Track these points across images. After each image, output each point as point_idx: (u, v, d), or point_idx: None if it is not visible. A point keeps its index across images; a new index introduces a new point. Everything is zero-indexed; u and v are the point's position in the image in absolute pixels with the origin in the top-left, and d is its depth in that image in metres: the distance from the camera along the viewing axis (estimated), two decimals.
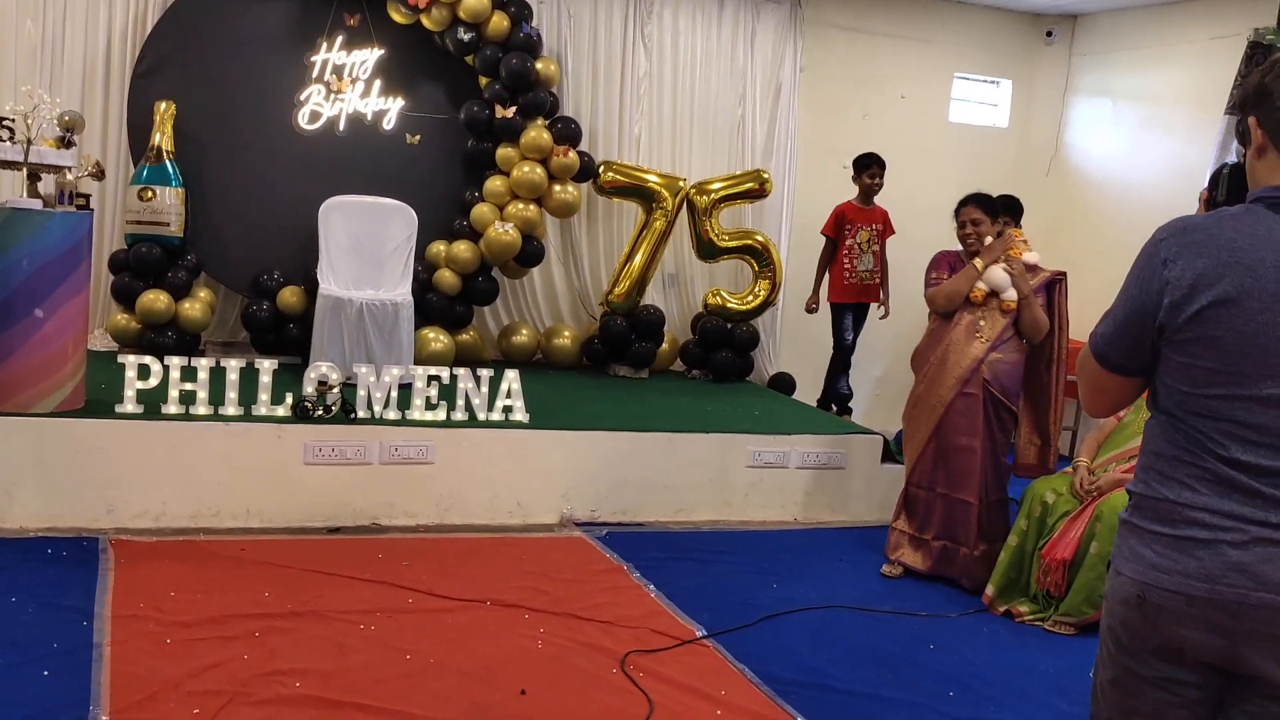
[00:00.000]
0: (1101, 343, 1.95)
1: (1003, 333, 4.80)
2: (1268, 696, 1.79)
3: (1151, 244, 1.89)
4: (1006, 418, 4.89)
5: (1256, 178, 1.90)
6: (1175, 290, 1.81)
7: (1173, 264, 1.82)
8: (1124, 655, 1.92)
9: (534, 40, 6.92)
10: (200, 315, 6.44)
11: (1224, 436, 1.80)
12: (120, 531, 4.69)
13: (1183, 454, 1.84)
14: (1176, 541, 1.83)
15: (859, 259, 7.04)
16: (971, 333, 4.84)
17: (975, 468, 4.83)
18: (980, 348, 4.80)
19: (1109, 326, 1.94)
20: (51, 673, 3.35)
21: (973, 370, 4.78)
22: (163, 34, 6.52)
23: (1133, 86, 8.10)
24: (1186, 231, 1.84)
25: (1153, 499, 1.88)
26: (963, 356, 4.82)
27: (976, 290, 4.82)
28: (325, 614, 3.99)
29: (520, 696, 3.49)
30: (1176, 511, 1.84)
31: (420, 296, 6.60)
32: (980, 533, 4.87)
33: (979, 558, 4.86)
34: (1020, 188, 8.57)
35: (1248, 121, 1.89)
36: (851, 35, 8.18)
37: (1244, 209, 1.84)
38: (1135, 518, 1.92)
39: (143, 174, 6.32)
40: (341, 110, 6.81)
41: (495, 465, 5.30)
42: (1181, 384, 1.84)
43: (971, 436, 4.82)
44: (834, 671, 3.93)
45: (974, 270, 4.83)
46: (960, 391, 4.81)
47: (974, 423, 4.81)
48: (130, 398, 4.91)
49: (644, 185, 7.25)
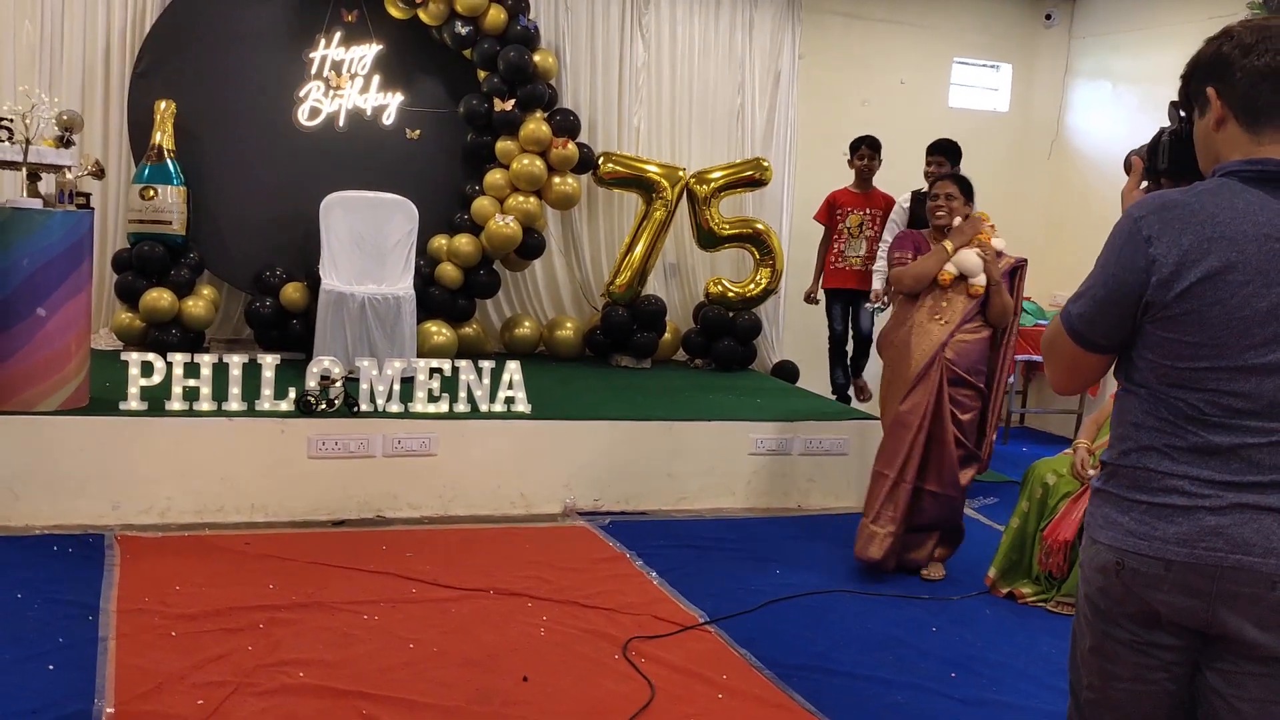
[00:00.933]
0: (1079, 322, 1.94)
1: (965, 315, 4.71)
2: (1241, 656, 1.82)
3: (1130, 222, 1.88)
4: (970, 396, 4.74)
5: (1216, 150, 1.90)
6: (1162, 268, 1.81)
7: (1156, 241, 1.82)
8: (1102, 621, 1.94)
9: (531, 33, 6.94)
10: (204, 313, 6.47)
11: (1206, 405, 1.82)
12: (126, 528, 4.73)
13: (1162, 425, 1.86)
14: (1155, 509, 1.85)
15: (848, 244, 6.89)
16: (933, 315, 4.74)
17: (904, 441, 4.69)
18: (942, 331, 4.70)
19: (1087, 306, 1.92)
20: (56, 667, 3.38)
21: (935, 354, 4.68)
22: (161, 33, 6.54)
23: (1133, 68, 8.08)
24: (1166, 209, 1.84)
25: (1129, 468, 1.90)
26: (924, 339, 4.72)
27: (945, 273, 4.72)
28: (329, 605, 4.02)
29: (523, 683, 3.51)
30: (1155, 480, 1.86)
31: (422, 290, 6.62)
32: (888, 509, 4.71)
33: (879, 536, 4.71)
34: (1022, 171, 8.64)
35: (1205, 91, 1.88)
36: (849, 22, 8.17)
37: (1218, 183, 1.84)
38: (1111, 486, 1.94)
39: (144, 173, 6.35)
40: (341, 106, 6.83)
41: (498, 456, 5.33)
42: (1164, 358, 1.85)
43: (914, 414, 4.69)
44: (836, 655, 3.94)
45: (944, 252, 4.73)
46: (922, 374, 4.70)
47: (923, 400, 4.67)
48: (134, 395, 4.94)
49: (644, 176, 7.26)
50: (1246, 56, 1.82)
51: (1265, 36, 1.82)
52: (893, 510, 4.72)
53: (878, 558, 4.71)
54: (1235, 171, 1.84)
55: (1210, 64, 1.88)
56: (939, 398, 4.67)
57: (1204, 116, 1.90)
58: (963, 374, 4.69)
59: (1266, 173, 1.81)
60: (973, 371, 4.73)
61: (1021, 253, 8.44)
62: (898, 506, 4.71)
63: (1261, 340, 1.78)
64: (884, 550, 4.71)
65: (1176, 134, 2.03)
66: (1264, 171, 1.81)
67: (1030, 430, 8.54)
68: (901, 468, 4.70)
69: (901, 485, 4.71)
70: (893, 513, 4.72)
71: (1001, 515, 5.47)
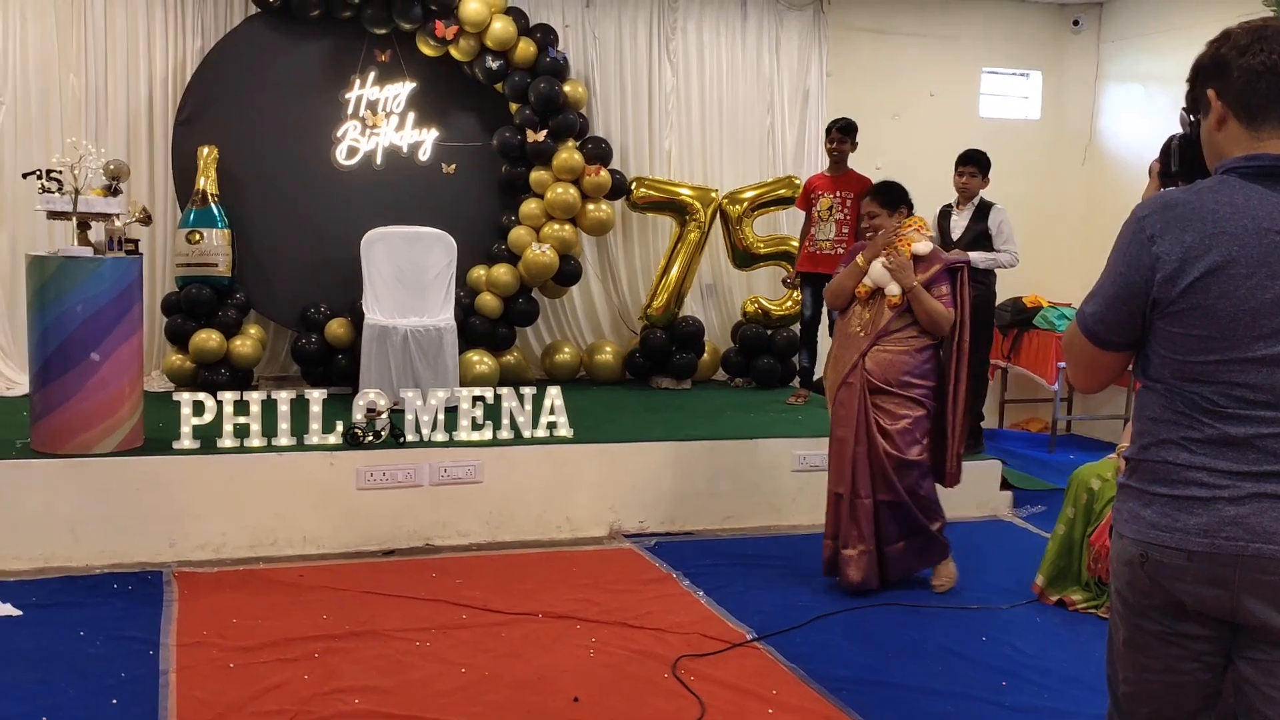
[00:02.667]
0: (1092, 321, 2.00)
1: (888, 325, 4.57)
2: (1271, 643, 1.84)
3: (1134, 221, 1.94)
4: (895, 407, 4.57)
5: (1219, 149, 1.94)
6: (1166, 265, 1.86)
7: (1160, 239, 1.87)
8: (1133, 615, 1.98)
9: (561, 64, 7.04)
10: (251, 352, 6.61)
11: (1219, 398, 1.86)
12: (183, 564, 4.83)
13: (1179, 418, 1.90)
14: (1176, 501, 1.89)
15: (819, 228, 6.69)
16: (855, 327, 4.68)
17: (848, 459, 4.60)
18: (863, 341, 4.61)
19: (1099, 305, 1.99)
20: (120, 701, 3.47)
21: (855, 364, 4.60)
22: (202, 81, 6.72)
23: (1164, 69, 8.04)
24: (1169, 207, 1.89)
25: (1150, 462, 1.94)
26: (848, 350, 4.67)
27: (861, 287, 4.65)
28: (382, 633, 4.09)
29: (574, 704, 3.56)
30: (1175, 473, 1.90)
31: (463, 321, 6.73)
32: (854, 530, 4.60)
33: (854, 558, 4.60)
34: (1056, 178, 8.61)
35: (1206, 93, 1.93)
36: (876, 37, 8.21)
37: (1219, 181, 1.89)
38: (1134, 480, 1.98)
39: (189, 218, 6.51)
40: (378, 144, 6.97)
41: (543, 481, 5.39)
42: (1175, 353, 1.89)
43: (847, 428, 4.60)
44: (886, 667, 3.95)
45: (857, 266, 4.68)
46: (844, 382, 4.63)
47: (849, 414, 4.60)
48: (186, 434, 5.06)
49: (676, 198, 7.33)
50: (1243, 56, 1.87)
51: (1260, 37, 1.87)
52: (857, 530, 4.61)
53: (857, 579, 4.60)
54: (1235, 168, 1.89)
55: (1209, 66, 1.93)
56: (863, 410, 4.57)
57: (1207, 117, 1.95)
58: (883, 384, 4.56)
59: (1264, 168, 1.85)
60: (900, 383, 4.57)
61: (1058, 258, 8.49)
62: (861, 524, 4.60)
63: (1270, 331, 1.82)
64: (863, 571, 4.60)
65: (1185, 138, 2.08)
66: (1262, 166, 1.86)
67: (1077, 437, 8.47)
68: (853, 485, 4.61)
69: (859, 502, 4.60)
70: (858, 531, 4.60)
71: (1047, 523, 5.44)
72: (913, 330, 4.60)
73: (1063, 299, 8.28)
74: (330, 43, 6.89)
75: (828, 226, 6.64)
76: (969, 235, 6.34)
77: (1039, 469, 7.10)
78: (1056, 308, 8.12)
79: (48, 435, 4.87)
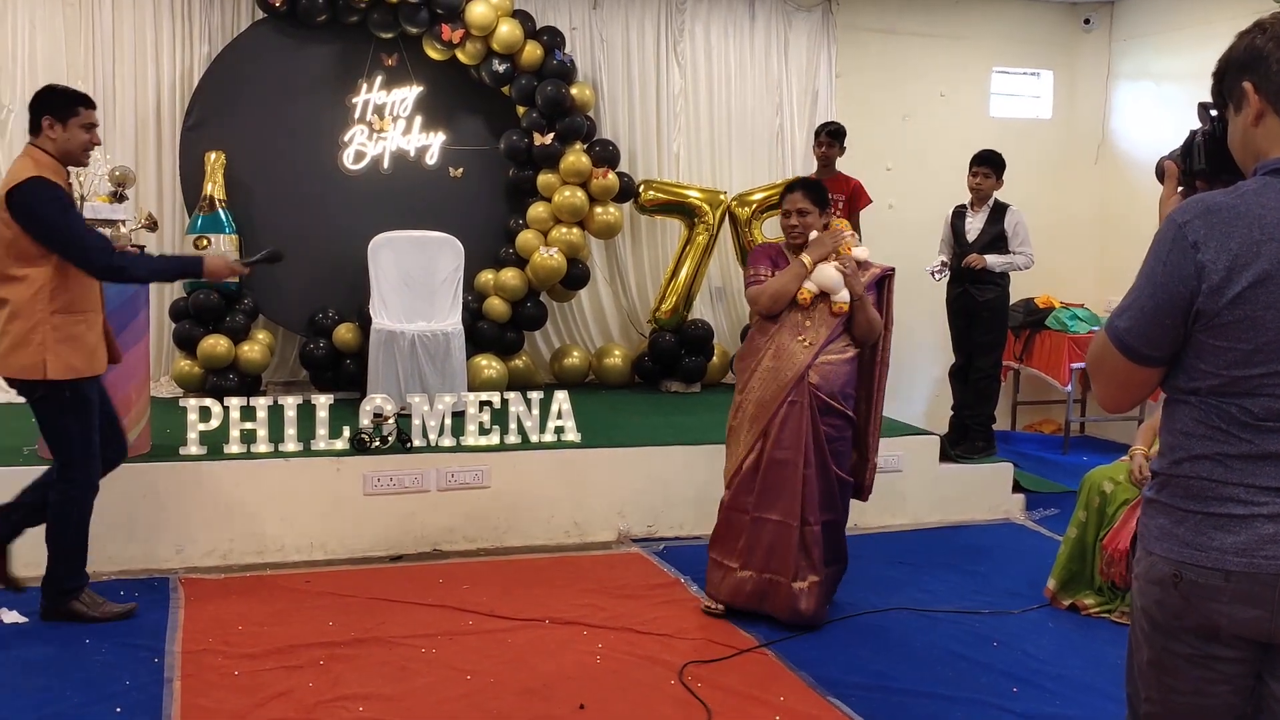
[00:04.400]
0: (1129, 336, 1.86)
1: (830, 334, 4.27)
2: None
3: (1174, 228, 1.80)
4: (840, 424, 4.30)
5: (1256, 147, 1.84)
6: (1212, 274, 1.75)
7: (1204, 247, 1.75)
8: (1160, 635, 1.89)
9: (568, 67, 7.02)
10: (260, 357, 6.61)
11: (1261, 411, 1.77)
12: (190, 570, 4.82)
13: (1214, 433, 1.81)
14: (1211, 519, 1.81)
15: None
16: (794, 336, 4.28)
17: (795, 485, 4.21)
18: (806, 353, 4.24)
19: (1135, 318, 1.85)
20: (125, 709, 3.46)
21: (799, 377, 4.22)
22: (208, 87, 6.72)
23: (1176, 68, 7.98)
24: (1211, 212, 1.77)
25: (1183, 478, 1.85)
26: (788, 362, 4.25)
27: (805, 291, 4.27)
28: (388, 640, 4.07)
29: (580, 711, 3.53)
30: (1211, 489, 1.81)
31: (471, 325, 6.71)
32: (805, 560, 4.24)
33: (805, 590, 4.23)
34: (1068, 177, 8.55)
35: (1241, 86, 1.83)
36: (885, 37, 8.16)
37: (1262, 183, 1.78)
38: (1164, 496, 1.89)
39: (197, 223, 6.51)
40: (385, 149, 6.96)
41: (550, 486, 5.36)
42: (1218, 366, 1.79)
43: (794, 450, 4.21)
44: (895, 673, 3.91)
45: (802, 267, 4.27)
46: (786, 400, 4.23)
47: (796, 434, 4.21)
48: (193, 440, 5.05)
49: (685, 201, 7.30)
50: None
51: None
52: (808, 560, 4.25)
53: (811, 610, 4.24)
54: (1278, 169, 1.78)
55: (1244, 58, 1.83)
56: (815, 428, 4.23)
57: (1240, 113, 1.85)
58: (828, 400, 4.24)
59: None
60: (838, 396, 4.27)
61: (1071, 259, 8.44)
62: (812, 553, 4.25)
63: None
64: (815, 602, 4.25)
65: (1209, 134, 1.97)
66: None
67: (1091, 439, 8.40)
68: (803, 513, 4.23)
69: (809, 529, 4.24)
70: (809, 561, 4.25)
71: (1060, 525, 5.38)
72: (846, 339, 4.34)
73: (1075, 299, 8.22)
74: (337, 47, 6.89)
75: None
76: (985, 237, 6.32)
77: (1051, 471, 7.04)
78: (1069, 308, 8.06)
79: None
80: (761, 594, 4.31)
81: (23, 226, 3.85)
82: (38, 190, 3.85)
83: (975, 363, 6.48)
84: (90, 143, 4.09)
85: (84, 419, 4.06)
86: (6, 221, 3.86)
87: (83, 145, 4.06)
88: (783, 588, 4.25)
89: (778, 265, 4.40)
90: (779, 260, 4.42)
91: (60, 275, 3.92)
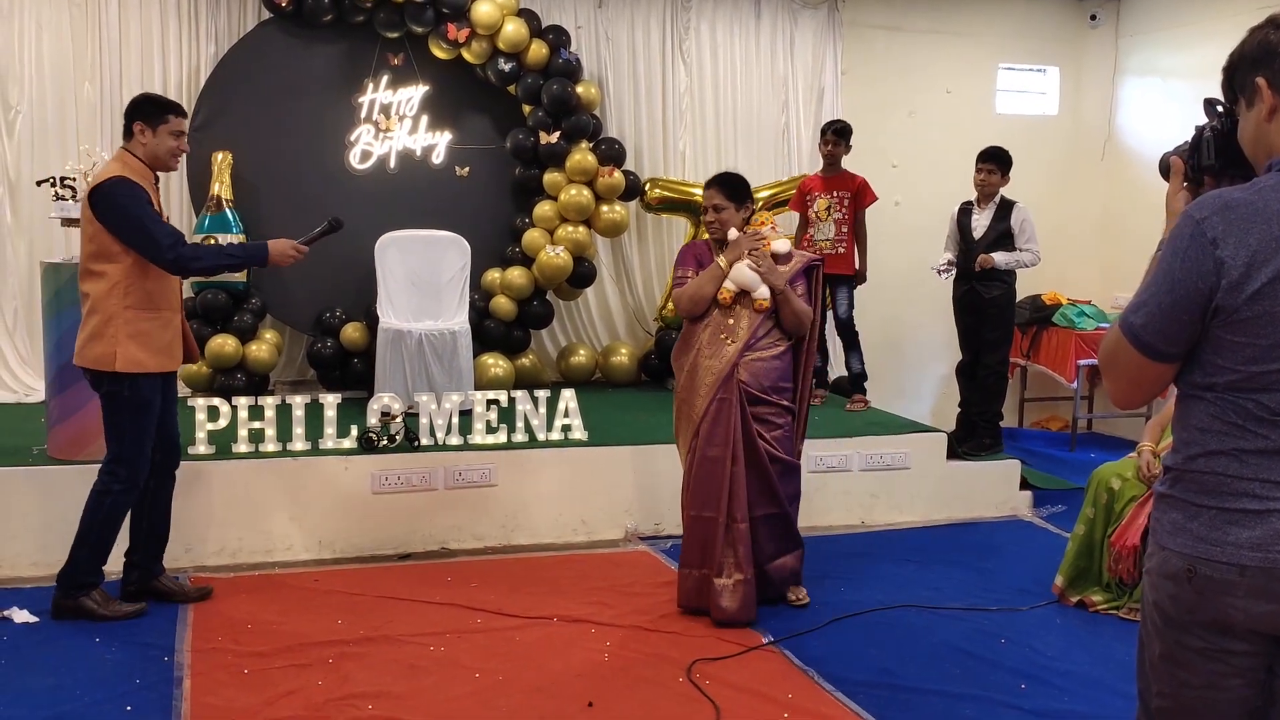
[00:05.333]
0: (1144, 332, 1.85)
1: (756, 331, 4.28)
2: None
3: (1191, 224, 1.80)
4: (777, 410, 4.32)
5: (1269, 142, 1.83)
6: (1232, 270, 1.75)
7: (1223, 243, 1.75)
8: (1173, 630, 1.89)
9: (574, 65, 7.03)
10: (267, 356, 6.62)
11: (1277, 406, 1.77)
12: (199, 569, 4.84)
13: (1229, 429, 1.81)
14: (1226, 514, 1.81)
15: (817, 229, 6.63)
16: (719, 334, 4.30)
17: (722, 480, 4.23)
18: (732, 350, 4.26)
19: (1151, 314, 1.84)
20: (134, 708, 3.48)
21: (726, 375, 4.24)
22: (215, 87, 6.74)
23: (1183, 64, 7.96)
24: (1229, 208, 1.77)
25: (1198, 472, 1.85)
26: (714, 361, 4.27)
27: (724, 292, 4.28)
28: (396, 638, 4.08)
29: (588, 708, 3.53)
30: (1226, 484, 1.81)
31: (478, 324, 6.72)
32: (730, 557, 4.25)
33: (729, 587, 4.24)
34: (1074, 173, 8.54)
35: (1254, 82, 1.83)
36: (891, 34, 8.15)
37: (1277, 178, 1.78)
38: (1178, 491, 1.89)
39: (204, 223, 6.53)
40: (391, 148, 6.98)
41: (558, 484, 5.37)
42: (1235, 362, 1.79)
43: (723, 447, 4.22)
44: (903, 670, 3.91)
45: (718, 269, 4.29)
46: (715, 398, 4.24)
47: (725, 432, 4.23)
48: (202, 440, 5.07)
49: (691, 199, 7.28)
50: None
51: None
52: (734, 556, 4.25)
53: (734, 609, 4.23)
54: None
55: (1257, 53, 1.83)
56: (744, 424, 4.25)
57: (1253, 108, 1.84)
58: (760, 393, 4.28)
59: None
60: (775, 390, 4.32)
61: (1077, 255, 8.42)
62: (738, 550, 4.25)
63: None
64: (739, 600, 4.24)
65: (1217, 129, 1.97)
66: None
67: (1098, 436, 8.39)
68: (729, 509, 4.24)
69: (735, 526, 4.24)
70: (735, 559, 4.25)
71: (1067, 522, 5.38)
72: (776, 333, 4.34)
73: (1081, 296, 8.21)
74: (343, 47, 6.90)
75: (827, 227, 6.61)
76: (991, 234, 6.32)
77: (1059, 468, 7.03)
78: (1075, 305, 8.04)
79: (63, 442, 4.88)
80: (700, 591, 4.35)
81: (102, 223, 4.03)
82: (118, 188, 4.04)
83: (983, 360, 6.46)
84: (178, 149, 4.26)
85: (140, 419, 4.17)
86: (90, 219, 4.05)
87: (171, 151, 4.23)
88: (710, 585, 4.30)
89: (702, 264, 4.41)
90: (703, 258, 4.43)
91: (137, 272, 4.08)
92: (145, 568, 4.42)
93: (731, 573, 4.26)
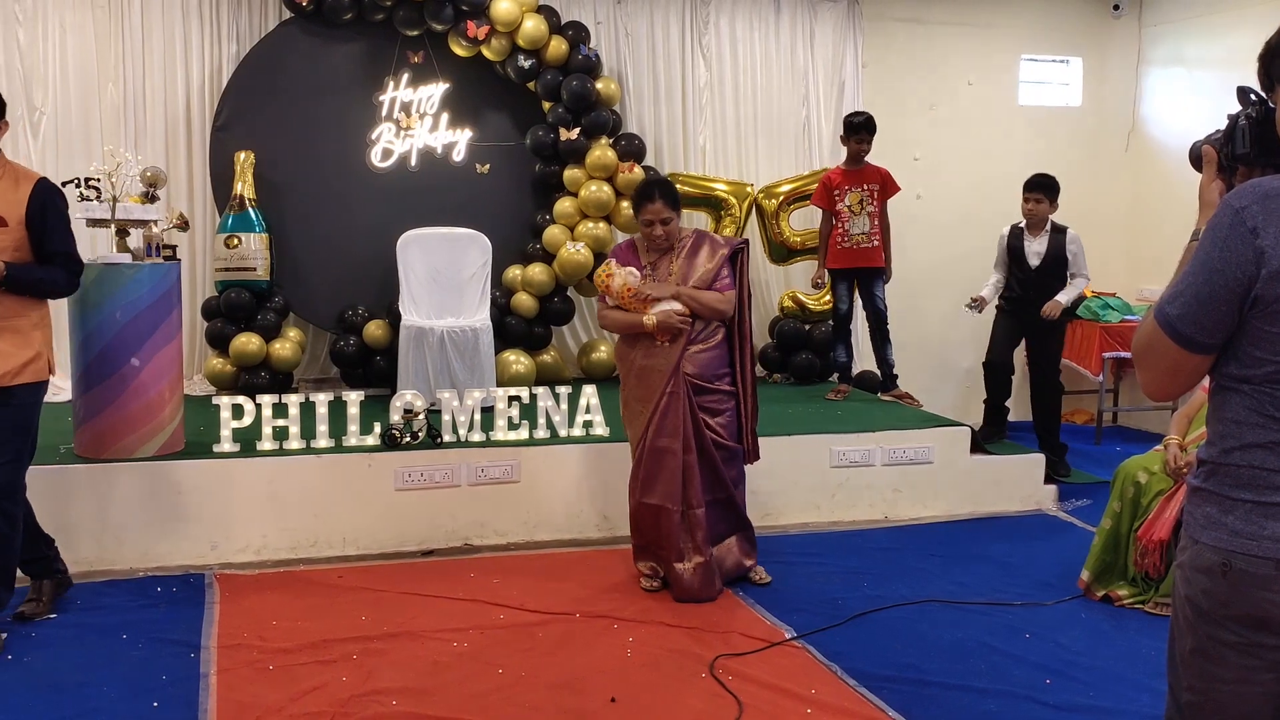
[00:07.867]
0: (1181, 322, 1.83)
1: (691, 332, 4.48)
2: None
3: (1230, 212, 1.78)
4: (720, 397, 4.54)
5: None
6: (1272, 259, 1.73)
7: (1264, 232, 1.74)
8: (1205, 624, 1.88)
9: (593, 61, 7.03)
10: (291, 354, 6.66)
11: None
12: (224, 566, 4.87)
13: (1267, 421, 1.80)
14: (1262, 507, 1.79)
15: (851, 222, 6.61)
16: (657, 341, 4.50)
17: (674, 471, 4.45)
18: (673, 352, 4.47)
19: (1188, 305, 1.82)
20: (161, 704, 3.50)
21: (674, 370, 4.45)
22: (237, 88, 6.78)
23: (1208, 53, 7.88)
24: (1270, 197, 1.75)
25: (1233, 466, 1.84)
26: (661, 360, 4.48)
27: (647, 324, 4.45)
28: (420, 634, 4.10)
29: (611, 704, 3.54)
30: (1262, 478, 1.80)
31: (499, 321, 6.73)
32: (689, 542, 4.49)
33: (689, 570, 4.48)
34: (1098, 164, 8.47)
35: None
36: (912, 27, 8.11)
37: None
38: (1212, 484, 1.87)
39: (228, 223, 6.57)
40: (412, 146, 6.99)
41: (579, 480, 5.38)
42: (1272, 354, 1.78)
43: (674, 438, 4.44)
44: (927, 665, 3.89)
45: (640, 323, 4.47)
46: (666, 392, 4.45)
47: (675, 423, 4.44)
48: (226, 437, 5.10)
49: (711, 194, 7.29)
50: None
51: None
52: (693, 541, 4.49)
53: (695, 586, 4.46)
54: None
55: None
56: (692, 415, 4.46)
57: None
58: (703, 383, 4.49)
59: None
60: (715, 377, 4.54)
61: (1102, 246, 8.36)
62: (695, 535, 4.49)
63: None
64: (700, 580, 4.48)
65: (1252, 117, 1.94)
66: None
67: (1123, 429, 8.33)
68: (685, 497, 4.48)
69: (691, 513, 4.49)
70: (693, 543, 4.49)
71: (1093, 516, 5.35)
72: (713, 324, 4.54)
73: (1107, 288, 8.14)
74: (363, 45, 6.92)
75: (861, 220, 6.59)
76: (1048, 261, 6.53)
77: (1084, 461, 6.98)
78: (1100, 297, 7.98)
79: (90, 440, 4.92)
80: (660, 574, 4.61)
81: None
82: None
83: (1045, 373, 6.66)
84: None
85: None
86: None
87: None
88: (671, 569, 4.52)
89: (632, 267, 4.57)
90: (634, 262, 4.58)
91: None
92: None
93: (692, 556, 4.50)
